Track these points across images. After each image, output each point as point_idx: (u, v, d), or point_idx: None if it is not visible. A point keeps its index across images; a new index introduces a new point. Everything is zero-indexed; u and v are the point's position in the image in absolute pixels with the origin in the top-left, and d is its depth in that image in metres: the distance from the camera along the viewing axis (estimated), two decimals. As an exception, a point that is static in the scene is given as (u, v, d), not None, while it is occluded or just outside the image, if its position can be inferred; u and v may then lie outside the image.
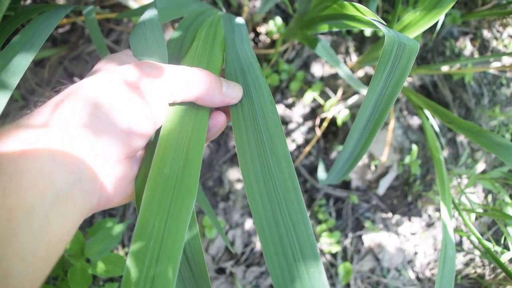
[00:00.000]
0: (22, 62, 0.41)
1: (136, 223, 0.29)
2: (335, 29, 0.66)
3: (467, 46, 1.11)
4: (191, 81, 0.34)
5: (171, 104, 0.35)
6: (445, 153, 1.10)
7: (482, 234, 1.09)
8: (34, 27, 0.47)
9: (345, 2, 0.54)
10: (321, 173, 1.00)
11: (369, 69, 1.01)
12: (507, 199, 0.81)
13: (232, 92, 0.37)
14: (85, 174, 0.28)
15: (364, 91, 0.80)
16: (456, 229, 1.08)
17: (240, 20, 0.55)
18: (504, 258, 0.64)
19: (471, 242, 0.76)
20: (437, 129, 0.93)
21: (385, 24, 0.43)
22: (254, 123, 0.36)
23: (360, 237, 1.08)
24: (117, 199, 0.33)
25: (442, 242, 0.61)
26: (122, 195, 0.33)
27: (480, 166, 1.12)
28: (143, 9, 0.57)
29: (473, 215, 0.98)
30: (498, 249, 0.68)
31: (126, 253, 0.97)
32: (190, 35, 0.46)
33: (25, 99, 0.96)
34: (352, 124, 0.43)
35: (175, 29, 0.47)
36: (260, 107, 0.37)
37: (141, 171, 0.35)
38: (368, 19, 0.48)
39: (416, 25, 0.64)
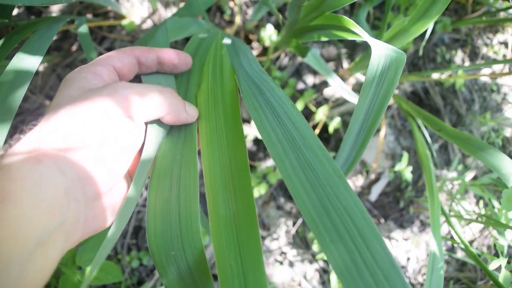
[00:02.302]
0: (20, 89, 0.43)
1: (217, 269, 0.30)
2: (324, 39, 0.67)
3: (458, 52, 1.12)
4: (163, 102, 0.35)
5: (149, 122, 0.36)
6: (436, 158, 1.10)
7: (474, 239, 1.10)
8: (29, 48, 0.49)
9: (332, 14, 0.54)
10: None
11: (360, 76, 1.02)
12: (497, 205, 0.81)
13: (193, 111, 0.39)
14: (69, 215, 0.27)
15: (353, 99, 0.80)
16: (446, 237, 1.09)
17: (241, 42, 0.57)
18: (492, 265, 0.64)
19: (461, 249, 0.76)
20: (427, 136, 0.94)
21: (373, 32, 0.44)
22: (281, 125, 0.37)
23: (352, 243, 1.07)
24: (106, 225, 0.33)
25: (430, 250, 0.61)
26: (111, 219, 0.33)
27: (472, 171, 1.13)
28: (154, 33, 0.60)
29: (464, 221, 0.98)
30: (498, 254, 0.68)
31: (119, 260, 0.97)
32: (196, 67, 0.48)
33: (19, 107, 0.96)
34: (345, 132, 0.44)
35: None
36: (283, 111, 0.38)
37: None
38: (354, 30, 0.48)
39: (405, 33, 0.65)
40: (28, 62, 0.47)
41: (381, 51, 0.40)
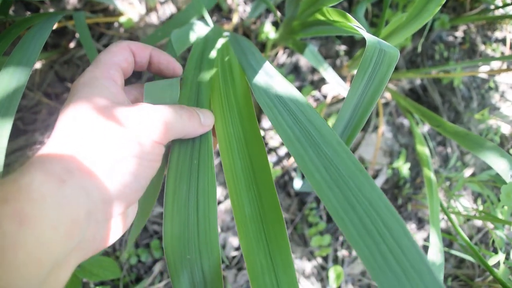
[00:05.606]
0: (19, 86, 0.43)
1: (247, 267, 0.31)
2: (323, 34, 0.67)
3: (456, 49, 1.12)
4: (183, 128, 0.35)
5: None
6: (435, 155, 1.11)
7: (472, 236, 1.10)
8: (26, 44, 0.49)
9: (330, 8, 0.54)
10: (297, 181, 1.00)
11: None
12: (496, 202, 0.81)
13: (208, 120, 0.39)
14: (87, 235, 0.27)
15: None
16: (444, 233, 1.09)
17: (245, 39, 0.57)
18: (492, 261, 0.64)
19: (460, 245, 0.76)
20: (426, 132, 0.94)
21: (371, 30, 0.43)
22: (297, 122, 0.37)
23: (351, 240, 1.07)
24: (117, 237, 0.33)
25: (429, 246, 0.61)
26: (123, 231, 0.33)
27: (470, 169, 1.13)
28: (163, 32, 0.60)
29: (463, 217, 0.98)
30: (496, 251, 0.69)
31: (117, 257, 0.96)
32: (205, 70, 0.48)
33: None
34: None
35: (186, 68, 0.48)
36: (298, 109, 0.38)
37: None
38: (351, 25, 0.48)
39: (403, 30, 0.65)
40: (25, 58, 0.47)
41: (376, 46, 0.40)
